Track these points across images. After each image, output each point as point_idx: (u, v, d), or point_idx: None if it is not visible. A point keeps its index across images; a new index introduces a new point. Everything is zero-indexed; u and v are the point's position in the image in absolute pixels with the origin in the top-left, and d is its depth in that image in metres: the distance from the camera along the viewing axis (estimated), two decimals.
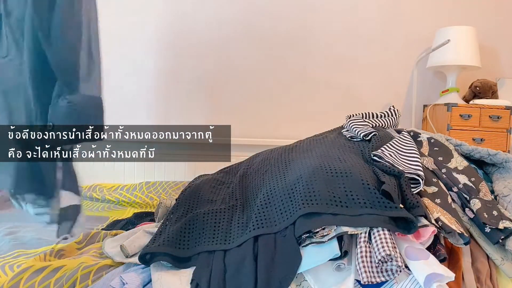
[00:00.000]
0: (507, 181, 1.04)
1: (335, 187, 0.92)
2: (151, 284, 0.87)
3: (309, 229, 0.85)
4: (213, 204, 1.13)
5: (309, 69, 2.36)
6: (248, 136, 2.31)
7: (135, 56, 2.30)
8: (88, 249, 1.15)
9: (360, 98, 2.38)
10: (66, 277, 0.94)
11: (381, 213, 0.84)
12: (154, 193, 1.98)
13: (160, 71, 2.32)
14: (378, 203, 0.86)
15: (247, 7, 2.32)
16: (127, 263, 0.99)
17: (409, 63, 2.37)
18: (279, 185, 1.04)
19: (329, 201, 0.88)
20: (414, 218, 0.83)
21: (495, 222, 0.89)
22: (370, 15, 2.35)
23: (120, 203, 1.86)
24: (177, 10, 2.29)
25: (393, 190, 0.88)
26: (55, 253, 1.09)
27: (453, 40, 2.12)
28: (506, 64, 2.43)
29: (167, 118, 2.34)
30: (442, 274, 0.73)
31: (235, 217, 1.05)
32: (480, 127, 2.09)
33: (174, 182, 2.12)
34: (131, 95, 2.31)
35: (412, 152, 1.08)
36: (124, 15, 2.28)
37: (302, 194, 0.92)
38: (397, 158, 1.05)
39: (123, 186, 2.10)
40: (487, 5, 2.39)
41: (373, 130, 1.24)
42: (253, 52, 2.33)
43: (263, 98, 2.36)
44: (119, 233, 1.22)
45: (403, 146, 1.13)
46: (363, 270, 0.77)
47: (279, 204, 0.97)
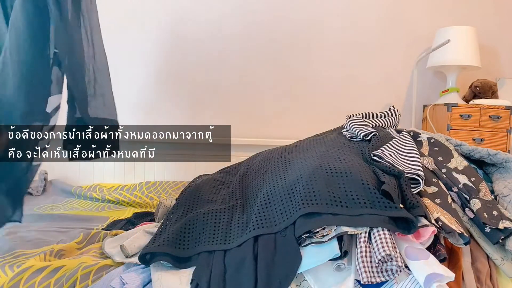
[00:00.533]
0: (507, 181, 1.04)
1: (335, 187, 0.92)
2: (151, 284, 0.87)
3: (309, 229, 0.85)
4: (213, 204, 1.13)
5: (309, 69, 2.36)
6: (248, 136, 2.31)
7: (135, 57, 2.30)
8: (88, 249, 1.15)
9: (360, 98, 2.38)
10: (66, 277, 0.94)
11: (381, 213, 0.84)
12: (154, 193, 1.98)
13: (161, 72, 2.32)
14: (378, 203, 0.86)
15: (248, 8, 2.32)
16: (127, 263, 0.99)
17: (409, 63, 2.37)
18: (279, 185, 1.04)
19: (329, 201, 0.88)
20: (414, 218, 0.83)
21: (495, 222, 0.89)
22: (370, 15, 2.35)
23: (120, 203, 1.86)
24: (177, 10, 2.29)
25: (393, 190, 0.88)
26: (55, 253, 1.09)
27: (453, 40, 2.12)
28: (506, 64, 2.43)
29: (167, 118, 2.34)
30: (442, 274, 0.73)
31: (235, 217, 1.05)
32: (480, 127, 2.09)
33: (174, 182, 2.12)
34: (130, 95, 2.31)
35: (412, 152, 1.08)
36: (125, 14, 2.28)
37: (302, 194, 0.92)
38: (397, 158, 1.05)
39: (123, 186, 2.10)
40: (487, 5, 2.39)
41: (373, 130, 1.24)
42: (253, 52, 2.33)
43: (263, 98, 2.36)
44: (119, 233, 1.22)
45: (403, 146, 1.13)
46: (363, 270, 0.77)
47: (279, 204, 0.97)
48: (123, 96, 2.30)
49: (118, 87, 2.27)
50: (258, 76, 2.35)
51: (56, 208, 1.76)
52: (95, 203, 1.88)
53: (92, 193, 1.93)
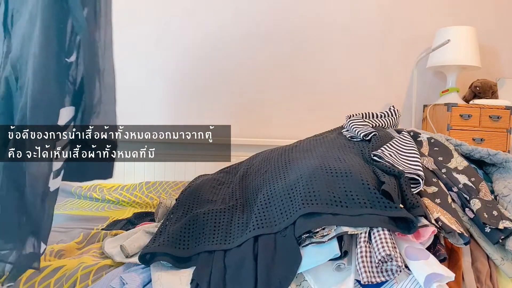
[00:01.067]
0: (507, 181, 1.04)
1: (335, 187, 0.92)
2: (151, 284, 0.87)
3: (309, 229, 0.85)
4: (213, 204, 1.13)
5: (309, 69, 2.36)
6: (248, 136, 2.31)
7: (136, 57, 2.30)
8: (88, 249, 1.15)
9: (360, 98, 2.38)
10: (66, 277, 0.94)
11: (381, 213, 0.84)
12: (154, 193, 1.98)
13: (161, 72, 2.32)
14: (378, 203, 0.86)
15: (249, 9, 2.32)
16: (127, 263, 0.99)
17: (409, 63, 2.37)
18: (279, 185, 1.04)
19: (329, 201, 0.88)
20: (414, 218, 0.83)
21: (495, 222, 0.89)
22: (370, 15, 2.35)
23: (120, 203, 1.86)
24: (177, 12, 2.29)
25: (393, 190, 0.88)
26: (55, 253, 1.09)
27: (453, 40, 2.12)
28: (506, 64, 2.43)
29: (168, 118, 2.34)
30: (442, 274, 0.73)
31: (235, 217, 1.05)
32: (480, 127, 2.09)
33: (174, 182, 2.12)
34: (129, 95, 2.31)
35: (412, 152, 1.08)
36: (125, 19, 2.28)
37: (302, 194, 0.92)
38: (397, 158, 1.05)
39: (123, 186, 2.10)
40: (487, 5, 2.39)
41: (373, 130, 1.24)
42: (253, 53, 2.33)
43: (263, 98, 2.36)
44: (119, 233, 1.22)
45: (403, 146, 1.13)
46: (363, 270, 0.77)
47: (279, 204, 0.97)
48: (123, 96, 2.30)
49: (119, 87, 2.28)
50: (258, 77, 2.35)
51: (56, 208, 1.75)
52: (95, 203, 1.88)
53: (92, 193, 1.93)
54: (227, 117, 2.35)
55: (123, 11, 2.27)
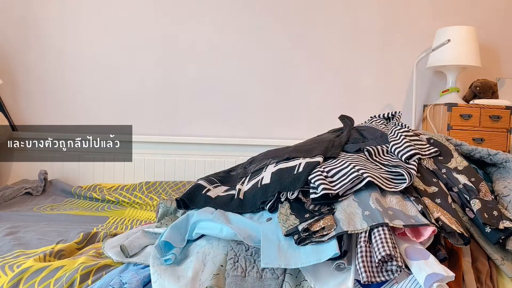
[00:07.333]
0: (507, 181, 1.04)
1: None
2: (151, 284, 0.87)
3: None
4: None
5: (309, 70, 2.36)
6: (250, 137, 2.32)
7: (137, 59, 2.30)
8: (88, 249, 1.15)
9: (360, 98, 2.38)
10: (66, 277, 0.94)
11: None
12: (154, 193, 1.98)
13: (162, 73, 2.32)
14: None
15: (248, 9, 2.32)
16: (127, 263, 0.99)
17: (409, 63, 2.37)
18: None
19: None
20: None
21: (495, 222, 0.89)
22: (370, 15, 2.35)
23: (120, 203, 1.86)
24: (171, 18, 2.30)
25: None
26: (55, 253, 1.09)
27: (453, 40, 2.12)
28: (506, 64, 2.43)
29: (168, 118, 2.34)
30: (442, 274, 0.73)
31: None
32: (480, 127, 2.09)
33: (174, 182, 2.12)
34: (131, 95, 2.31)
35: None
36: (130, 16, 2.28)
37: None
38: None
39: (123, 186, 2.10)
40: (487, 5, 2.39)
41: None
42: (253, 53, 2.33)
43: (263, 99, 2.36)
44: (119, 233, 1.22)
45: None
46: (363, 270, 0.77)
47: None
48: (123, 97, 2.30)
49: (120, 87, 2.29)
50: (258, 77, 2.35)
51: (56, 208, 1.76)
52: (95, 203, 1.88)
53: (92, 193, 1.93)
54: (228, 117, 2.35)
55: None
